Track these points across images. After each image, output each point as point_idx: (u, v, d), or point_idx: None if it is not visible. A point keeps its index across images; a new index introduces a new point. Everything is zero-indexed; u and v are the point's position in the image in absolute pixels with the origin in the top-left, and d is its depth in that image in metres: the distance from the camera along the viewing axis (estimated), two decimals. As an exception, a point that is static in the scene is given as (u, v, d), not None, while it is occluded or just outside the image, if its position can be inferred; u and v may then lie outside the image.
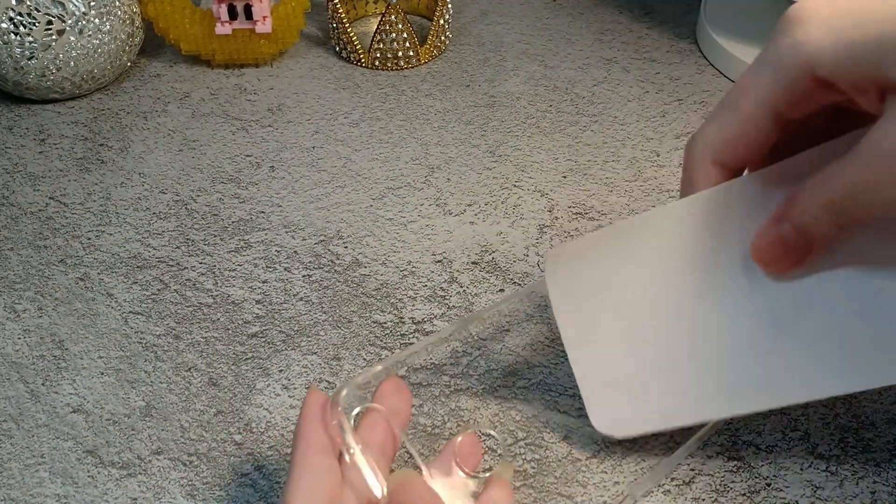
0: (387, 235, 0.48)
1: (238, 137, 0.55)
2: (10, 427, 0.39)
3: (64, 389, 0.41)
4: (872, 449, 0.37)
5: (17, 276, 0.46)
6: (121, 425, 0.39)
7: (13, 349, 0.43)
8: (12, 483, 0.37)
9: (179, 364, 0.42)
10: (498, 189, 0.51)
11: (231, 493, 0.37)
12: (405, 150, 0.54)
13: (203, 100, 0.59)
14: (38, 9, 0.53)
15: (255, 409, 0.40)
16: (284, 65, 0.62)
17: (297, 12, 0.60)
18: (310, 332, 0.43)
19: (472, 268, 0.46)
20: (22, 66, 0.54)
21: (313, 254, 0.47)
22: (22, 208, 0.51)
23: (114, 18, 0.56)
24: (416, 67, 0.61)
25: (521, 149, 0.54)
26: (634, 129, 0.55)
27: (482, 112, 0.57)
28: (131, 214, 0.50)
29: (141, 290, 0.46)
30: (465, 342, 0.42)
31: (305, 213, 0.50)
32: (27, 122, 0.57)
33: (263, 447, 0.38)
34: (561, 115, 0.56)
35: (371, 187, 0.51)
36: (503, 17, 0.66)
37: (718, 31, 0.60)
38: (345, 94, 0.59)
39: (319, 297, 0.45)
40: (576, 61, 0.61)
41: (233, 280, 0.46)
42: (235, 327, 0.43)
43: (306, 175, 0.52)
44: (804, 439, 0.38)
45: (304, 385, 0.41)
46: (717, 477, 0.36)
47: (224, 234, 0.49)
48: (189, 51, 0.61)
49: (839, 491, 0.36)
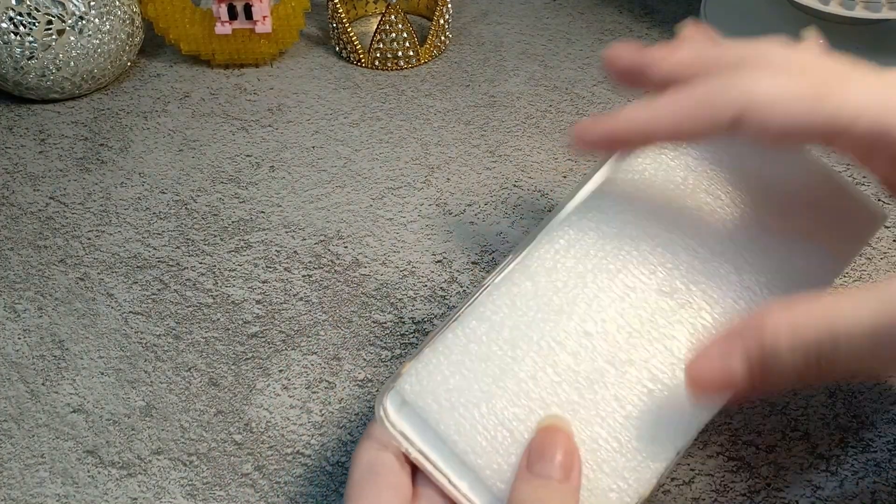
0: (387, 235, 0.48)
1: (238, 137, 0.55)
2: (10, 427, 0.39)
3: (64, 389, 0.41)
4: (872, 449, 0.37)
5: (18, 276, 0.46)
6: (121, 425, 0.39)
7: (13, 349, 0.43)
8: (12, 483, 0.37)
9: (179, 364, 0.42)
10: (498, 189, 0.51)
11: (231, 493, 0.37)
12: (405, 150, 0.54)
13: (203, 100, 0.59)
14: (38, 9, 0.53)
15: (255, 409, 0.40)
16: (284, 65, 0.62)
17: (297, 12, 0.60)
18: (310, 332, 0.43)
19: (472, 268, 0.46)
20: (22, 66, 0.54)
21: (313, 254, 0.47)
22: (22, 208, 0.51)
23: (114, 18, 0.56)
24: (416, 67, 0.61)
25: (521, 149, 0.54)
26: (634, 129, 0.55)
27: (482, 112, 0.57)
28: (131, 214, 0.50)
29: (141, 290, 0.46)
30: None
31: (305, 213, 0.50)
32: (27, 122, 0.57)
33: (263, 447, 0.38)
34: (561, 115, 0.56)
35: (371, 187, 0.51)
36: (503, 17, 0.66)
37: (718, 31, 0.60)
38: (345, 94, 0.59)
39: (319, 297, 0.45)
40: (576, 61, 0.61)
41: (233, 280, 0.46)
42: (235, 327, 0.43)
43: (306, 175, 0.52)
44: (804, 439, 0.38)
45: (304, 385, 0.41)
46: (717, 477, 0.36)
47: (224, 234, 0.49)
48: (189, 51, 0.61)
49: (839, 491, 0.36)
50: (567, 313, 0.31)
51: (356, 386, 0.41)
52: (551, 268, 0.32)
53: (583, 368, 0.30)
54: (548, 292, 0.31)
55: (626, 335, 0.31)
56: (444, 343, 0.31)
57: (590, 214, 0.33)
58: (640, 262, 0.32)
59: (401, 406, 0.30)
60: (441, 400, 0.30)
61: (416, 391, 0.30)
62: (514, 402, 0.30)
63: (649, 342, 0.31)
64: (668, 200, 0.33)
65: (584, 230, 0.33)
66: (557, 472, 0.28)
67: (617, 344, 0.31)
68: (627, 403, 0.30)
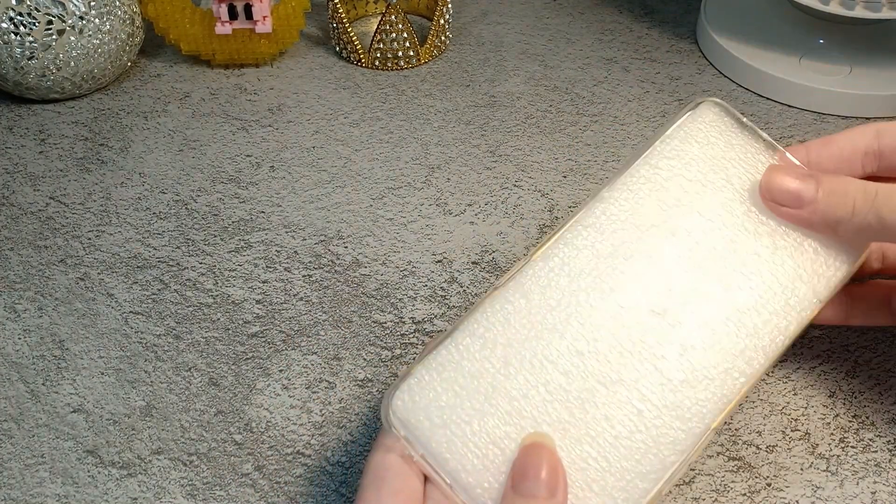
0: (387, 235, 0.48)
1: (238, 137, 0.55)
2: (10, 427, 0.39)
3: (64, 389, 0.41)
4: (872, 449, 0.37)
5: (18, 276, 0.46)
6: (121, 425, 0.39)
7: (13, 349, 0.43)
8: (12, 483, 0.37)
9: (180, 364, 0.42)
10: (498, 189, 0.51)
11: (231, 493, 0.37)
12: (405, 150, 0.54)
13: (203, 100, 0.59)
14: (38, 9, 0.53)
15: (256, 409, 0.40)
16: (284, 65, 0.62)
17: (297, 12, 0.60)
18: (310, 332, 0.43)
19: (472, 268, 0.46)
20: (22, 66, 0.54)
21: (313, 254, 0.47)
22: (22, 208, 0.51)
23: (114, 18, 0.56)
24: (416, 67, 0.61)
25: (522, 149, 0.54)
26: (634, 129, 0.55)
27: (482, 112, 0.57)
28: (131, 214, 0.50)
29: (141, 290, 0.46)
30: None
31: (305, 213, 0.50)
32: (27, 122, 0.57)
33: (263, 447, 0.38)
34: (561, 115, 0.56)
35: (371, 187, 0.51)
36: (503, 17, 0.66)
37: (718, 31, 0.60)
38: (345, 94, 0.59)
39: (319, 297, 0.45)
40: (576, 61, 0.61)
41: (233, 280, 0.46)
42: (235, 327, 0.43)
43: (306, 175, 0.52)
44: (804, 439, 0.38)
45: (304, 385, 0.41)
46: (717, 477, 0.36)
47: (224, 234, 0.49)
48: (189, 51, 0.61)
49: (839, 491, 0.36)
50: (560, 332, 0.31)
51: (356, 386, 0.41)
52: (546, 286, 0.32)
53: (574, 388, 0.30)
54: (542, 310, 0.31)
55: (617, 355, 0.31)
56: (437, 360, 0.31)
57: (584, 233, 0.33)
58: (633, 282, 0.32)
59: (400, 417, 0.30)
60: (433, 417, 0.30)
61: (409, 408, 0.30)
62: (505, 420, 0.30)
63: (640, 362, 0.31)
64: (662, 219, 0.33)
65: (578, 248, 0.33)
66: (543, 490, 0.28)
67: (608, 363, 0.31)
68: (617, 423, 0.30)
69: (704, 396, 0.31)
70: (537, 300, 0.32)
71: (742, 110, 0.56)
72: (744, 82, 0.58)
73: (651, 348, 0.31)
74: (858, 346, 0.41)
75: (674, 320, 0.31)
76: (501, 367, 0.30)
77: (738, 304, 0.32)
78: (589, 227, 0.33)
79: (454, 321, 0.42)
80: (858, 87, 0.55)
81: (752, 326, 0.32)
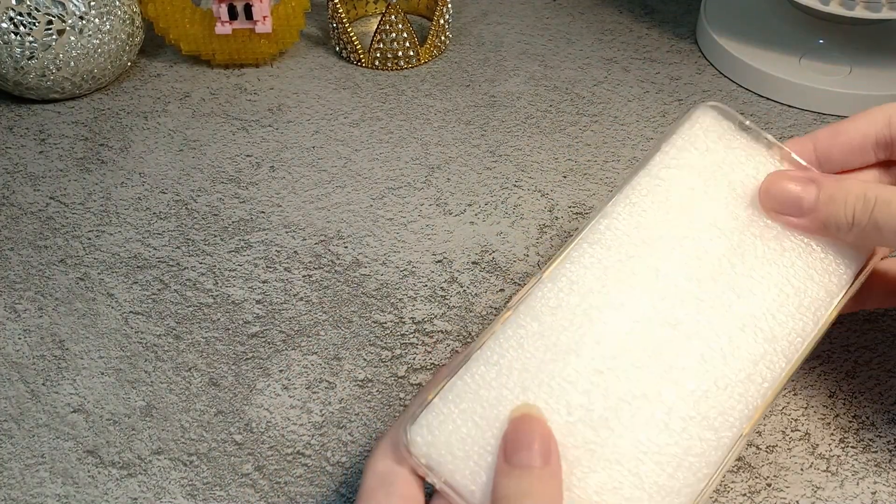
0: (387, 235, 0.48)
1: (238, 137, 0.55)
2: (10, 427, 0.39)
3: (64, 389, 0.41)
4: (872, 449, 0.37)
5: (18, 276, 0.46)
6: (121, 425, 0.39)
7: (13, 349, 0.43)
8: (13, 483, 0.37)
9: (180, 364, 0.42)
10: (498, 189, 0.51)
11: (231, 493, 0.37)
12: (405, 150, 0.54)
13: (203, 100, 0.59)
14: (38, 9, 0.53)
15: (256, 409, 0.40)
16: (284, 65, 0.62)
17: (297, 12, 0.60)
18: (310, 332, 0.43)
19: (472, 268, 0.46)
20: (22, 66, 0.54)
21: (313, 254, 0.47)
22: (22, 208, 0.51)
23: (114, 18, 0.56)
24: (416, 67, 0.61)
25: (521, 149, 0.54)
26: (634, 129, 0.55)
27: (482, 112, 0.57)
28: (131, 214, 0.50)
29: (141, 290, 0.46)
30: (465, 342, 0.42)
31: (305, 213, 0.50)
32: (27, 122, 0.57)
33: (263, 447, 0.38)
34: (561, 115, 0.56)
35: (371, 187, 0.51)
36: (503, 17, 0.66)
37: (718, 31, 0.60)
38: (345, 94, 0.59)
39: (320, 297, 0.45)
40: (576, 61, 0.61)
41: (233, 280, 0.46)
42: (236, 327, 0.43)
43: (306, 175, 0.52)
44: (804, 439, 0.38)
45: (304, 385, 0.41)
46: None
47: (224, 234, 0.49)
48: (189, 51, 0.61)
49: (839, 491, 0.36)
50: (576, 352, 0.30)
51: (356, 386, 0.41)
52: (556, 306, 0.31)
53: (597, 407, 0.30)
54: (554, 332, 0.31)
55: (636, 370, 0.30)
56: (453, 391, 0.30)
57: (591, 250, 0.33)
58: (644, 295, 0.32)
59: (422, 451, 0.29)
60: (455, 450, 0.29)
61: (429, 442, 0.29)
62: None
63: (659, 376, 0.30)
64: (667, 230, 0.33)
65: (585, 266, 0.32)
66: (537, 459, 0.28)
67: (628, 380, 0.30)
68: (645, 439, 0.29)
69: (730, 405, 0.30)
70: (549, 322, 0.31)
71: (742, 110, 0.56)
72: (744, 82, 0.58)
73: (669, 361, 0.30)
74: (858, 346, 0.41)
75: (689, 331, 0.31)
76: (520, 393, 0.30)
77: (752, 309, 0.32)
78: (595, 243, 0.33)
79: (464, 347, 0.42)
80: (858, 87, 0.55)
81: (769, 331, 0.31)
